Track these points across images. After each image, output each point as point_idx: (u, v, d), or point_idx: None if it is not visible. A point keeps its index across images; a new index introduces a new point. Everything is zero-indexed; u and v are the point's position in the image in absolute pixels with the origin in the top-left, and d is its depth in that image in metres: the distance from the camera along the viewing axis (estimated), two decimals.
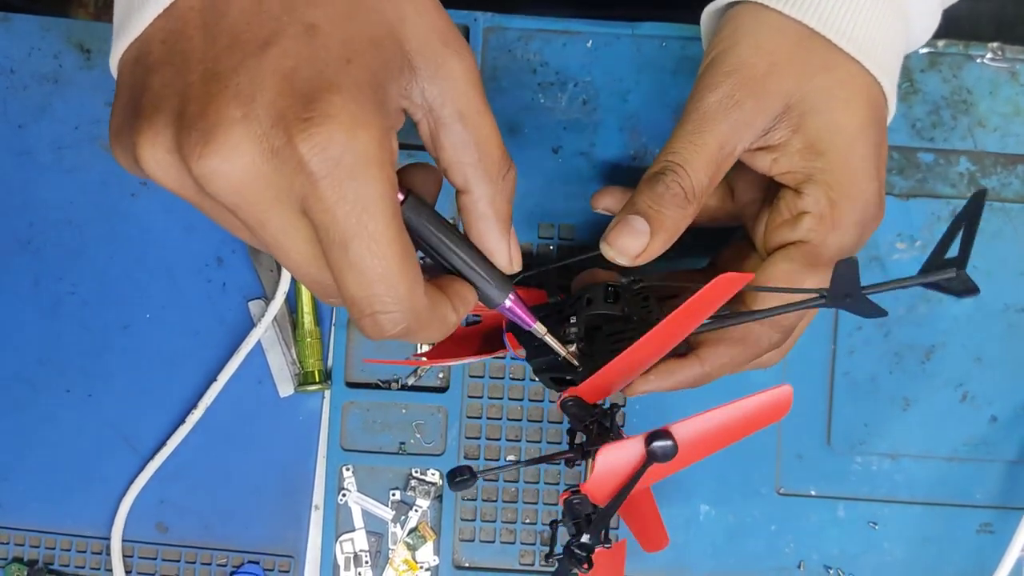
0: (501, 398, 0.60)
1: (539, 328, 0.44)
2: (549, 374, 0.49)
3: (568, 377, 0.48)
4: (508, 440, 0.60)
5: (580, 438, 0.49)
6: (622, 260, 0.44)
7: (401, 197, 0.37)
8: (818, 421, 0.59)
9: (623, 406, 0.45)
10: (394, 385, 0.60)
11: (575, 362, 0.46)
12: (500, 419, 0.60)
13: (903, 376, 0.59)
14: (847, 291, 0.39)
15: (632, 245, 0.44)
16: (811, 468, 0.60)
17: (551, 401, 0.60)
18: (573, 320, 0.47)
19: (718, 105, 0.44)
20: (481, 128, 0.36)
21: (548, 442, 0.60)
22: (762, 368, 0.50)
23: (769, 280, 0.45)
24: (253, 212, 0.32)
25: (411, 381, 0.60)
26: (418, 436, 0.60)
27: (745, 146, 0.45)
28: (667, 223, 0.44)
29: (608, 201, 0.53)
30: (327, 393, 0.60)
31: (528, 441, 0.60)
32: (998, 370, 0.59)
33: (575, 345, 0.46)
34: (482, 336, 0.57)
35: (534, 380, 0.60)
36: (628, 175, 0.59)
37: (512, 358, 0.59)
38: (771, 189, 0.48)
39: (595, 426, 0.46)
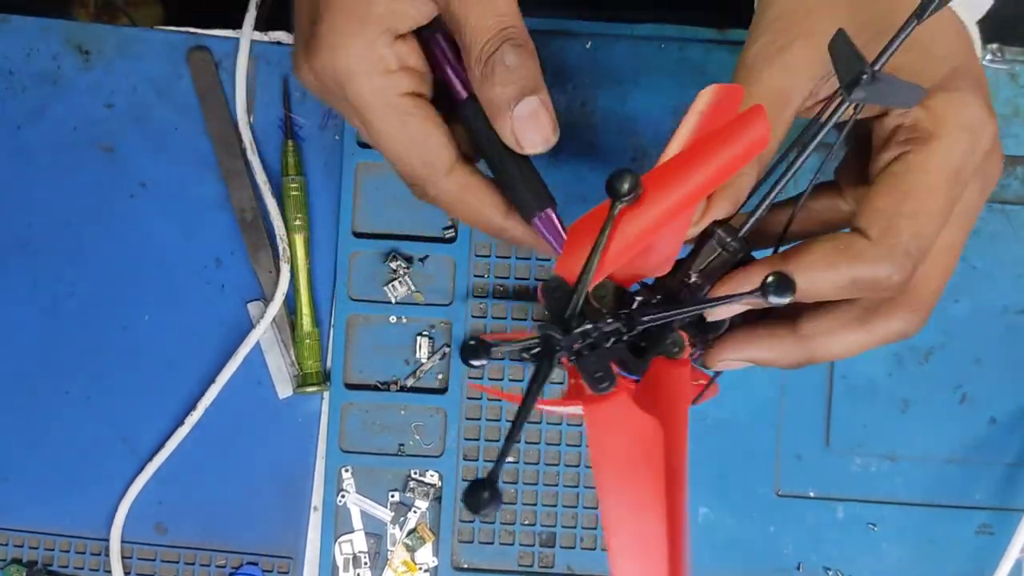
0: (500, 400, 0.60)
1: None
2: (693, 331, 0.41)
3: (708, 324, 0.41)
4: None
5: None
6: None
7: (464, 95, 0.42)
8: (817, 422, 0.59)
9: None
10: (393, 387, 0.60)
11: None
12: (499, 420, 0.60)
13: (902, 377, 0.59)
14: (855, 70, 0.33)
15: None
16: (810, 469, 0.60)
17: None
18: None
19: (761, 54, 0.40)
20: (465, 6, 0.39)
21: (547, 443, 0.60)
22: (890, 341, 0.41)
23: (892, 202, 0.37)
24: (330, 106, 0.44)
25: (410, 383, 0.60)
26: (417, 438, 0.60)
27: (805, 93, 0.39)
28: (722, 188, 0.38)
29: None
30: (326, 394, 0.60)
31: (527, 443, 0.60)
32: (997, 372, 0.59)
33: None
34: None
35: None
36: None
37: (505, 359, 0.59)
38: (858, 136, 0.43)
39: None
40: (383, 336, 0.60)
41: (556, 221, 0.43)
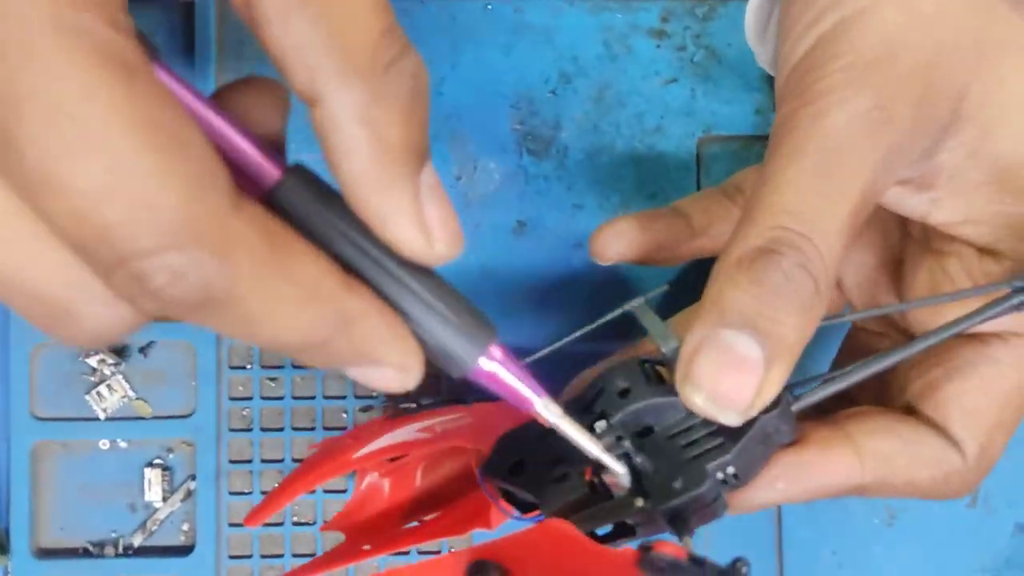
0: (282, 555, 0.39)
1: (551, 409, 0.25)
2: (591, 524, 0.28)
3: (628, 521, 0.28)
4: None
5: None
6: (726, 416, 0.25)
7: (277, 176, 0.21)
8: (763, 551, 0.40)
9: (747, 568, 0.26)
10: (111, 549, 0.39)
11: (624, 477, 0.27)
12: None
13: None
14: None
15: (739, 386, 0.25)
16: None
17: None
18: (603, 426, 0.28)
19: (859, 126, 0.26)
20: None
21: None
22: (950, 497, 0.31)
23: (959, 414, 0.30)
24: None
25: (138, 541, 0.39)
26: None
27: (892, 181, 0.28)
28: (790, 338, 0.25)
29: (622, 246, 0.33)
30: (9, 566, 0.38)
31: None
32: (1019, 458, 0.40)
33: (621, 463, 0.27)
34: (415, 503, 0.36)
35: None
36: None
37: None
38: (896, 248, 0.33)
39: None
40: (92, 471, 0.39)
41: (509, 353, 0.24)
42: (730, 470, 0.27)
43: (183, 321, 0.20)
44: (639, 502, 0.27)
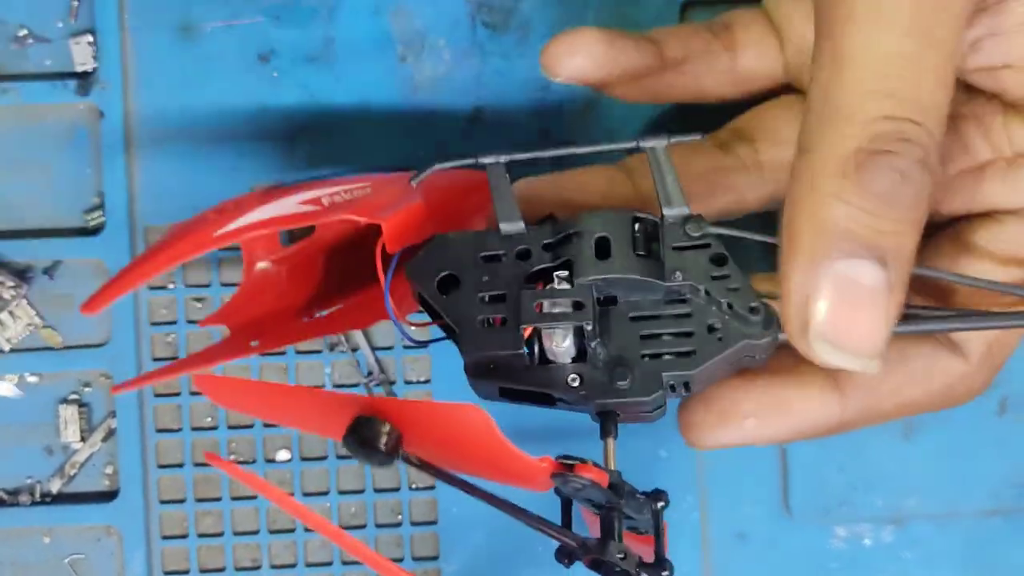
0: (219, 499, 0.34)
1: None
2: (511, 383, 0.24)
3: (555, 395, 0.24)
4: (240, 571, 0.35)
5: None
6: (868, 367, 0.21)
7: None
8: (766, 473, 0.35)
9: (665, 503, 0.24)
10: (25, 497, 0.34)
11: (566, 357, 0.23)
12: (220, 535, 0.34)
13: None
14: None
15: (871, 325, 0.20)
16: (761, 553, 0.35)
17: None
18: (564, 277, 0.24)
19: None
20: None
21: (307, 565, 0.35)
22: (956, 405, 0.28)
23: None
24: None
25: (55, 487, 0.34)
26: None
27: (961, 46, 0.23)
28: (908, 248, 0.21)
29: (581, 61, 0.26)
30: None
31: (274, 568, 0.35)
32: None
33: (570, 331, 0.23)
34: (317, 294, 0.31)
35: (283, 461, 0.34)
36: (399, 88, 0.34)
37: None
38: None
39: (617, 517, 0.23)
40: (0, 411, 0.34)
41: None
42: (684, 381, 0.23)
43: None
44: (574, 381, 0.23)
